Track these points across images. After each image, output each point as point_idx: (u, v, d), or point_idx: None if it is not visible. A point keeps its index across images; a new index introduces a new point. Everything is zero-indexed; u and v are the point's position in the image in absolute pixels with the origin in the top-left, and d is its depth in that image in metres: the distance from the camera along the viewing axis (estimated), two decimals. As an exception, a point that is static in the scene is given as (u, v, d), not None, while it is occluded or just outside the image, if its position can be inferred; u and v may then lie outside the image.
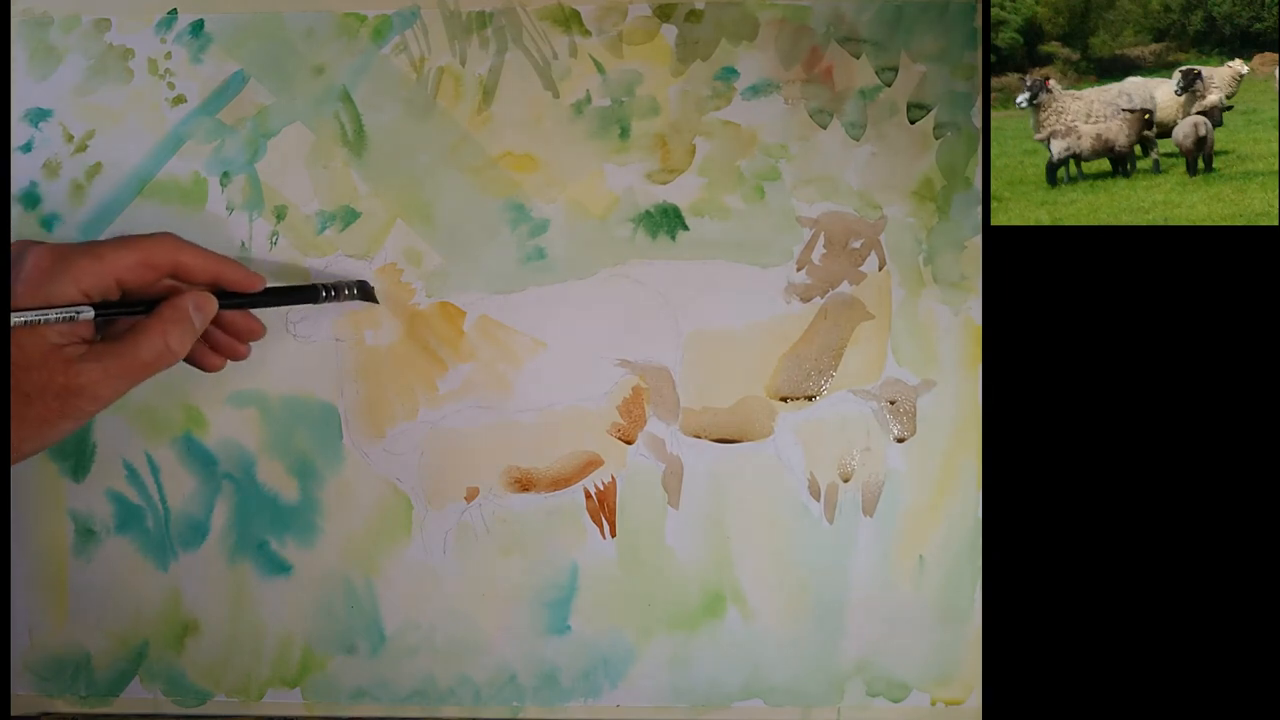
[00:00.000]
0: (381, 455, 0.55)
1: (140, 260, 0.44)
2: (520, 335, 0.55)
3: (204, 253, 0.46)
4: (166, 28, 0.56)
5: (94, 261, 0.42)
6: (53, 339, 0.41)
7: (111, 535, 0.55)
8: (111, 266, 0.43)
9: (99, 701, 0.56)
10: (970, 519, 0.54)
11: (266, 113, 0.56)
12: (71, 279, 0.42)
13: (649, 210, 0.55)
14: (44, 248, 0.42)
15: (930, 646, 0.54)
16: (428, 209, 0.55)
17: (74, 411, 0.42)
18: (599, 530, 0.55)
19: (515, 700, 0.55)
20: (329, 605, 0.55)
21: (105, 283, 0.43)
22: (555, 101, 0.55)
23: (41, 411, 0.41)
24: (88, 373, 0.42)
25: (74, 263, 0.42)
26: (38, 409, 0.41)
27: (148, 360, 0.43)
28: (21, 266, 0.42)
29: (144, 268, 0.44)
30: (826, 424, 0.55)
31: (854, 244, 0.55)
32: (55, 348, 0.41)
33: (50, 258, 0.42)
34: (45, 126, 0.56)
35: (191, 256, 0.46)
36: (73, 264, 0.42)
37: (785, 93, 0.55)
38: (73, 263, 0.42)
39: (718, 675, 0.55)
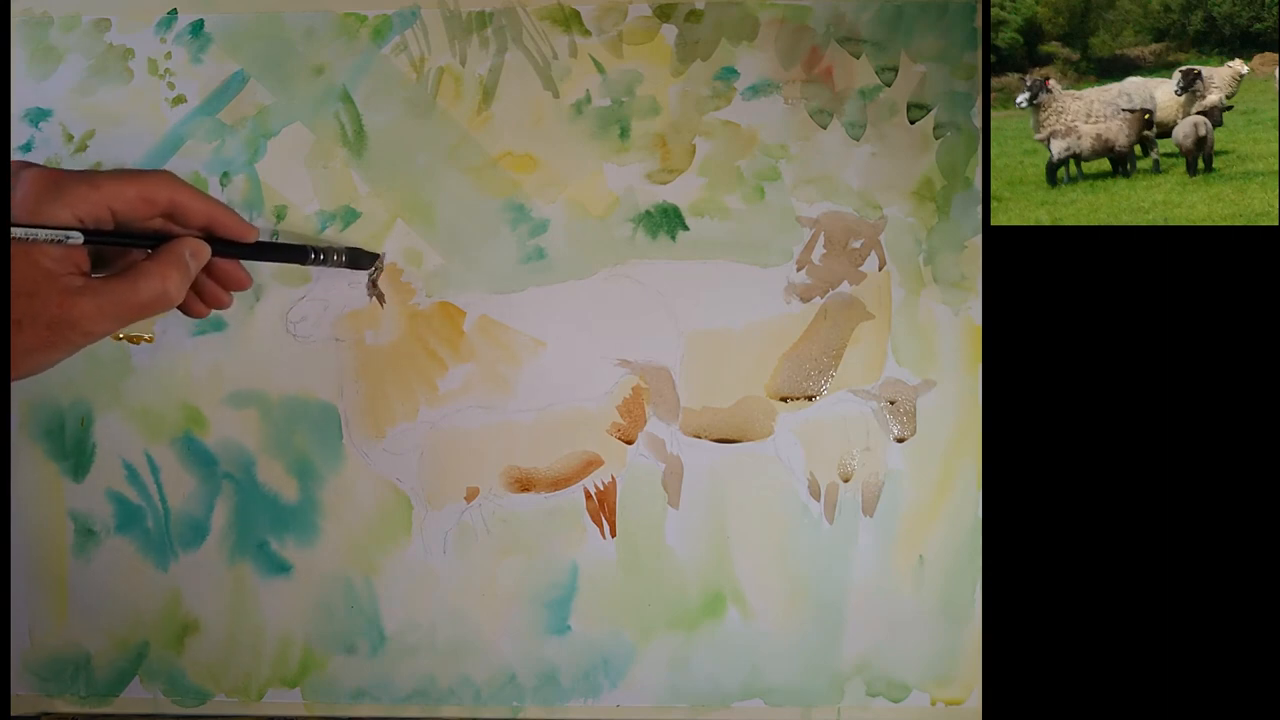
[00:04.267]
0: (381, 455, 0.55)
1: (138, 194, 0.43)
2: (520, 335, 0.55)
3: (201, 195, 0.45)
4: (166, 28, 0.56)
5: (91, 189, 0.41)
6: (47, 264, 0.40)
7: (111, 535, 0.55)
8: (108, 196, 0.42)
9: (99, 701, 0.56)
10: (970, 519, 0.54)
11: (266, 113, 0.56)
12: (66, 204, 0.41)
13: (649, 210, 0.55)
14: (40, 170, 0.41)
15: (930, 646, 0.54)
16: (428, 209, 0.55)
17: (63, 343, 0.41)
18: (599, 530, 0.55)
19: (515, 700, 0.55)
20: (329, 605, 0.55)
21: (100, 212, 0.42)
22: (555, 101, 0.55)
23: (30, 339, 0.40)
24: (82, 306, 0.40)
25: (70, 188, 0.41)
26: (27, 336, 0.40)
27: (145, 301, 0.42)
28: (17, 186, 0.41)
29: (141, 201, 0.43)
30: (826, 424, 0.55)
31: (854, 244, 0.55)
32: (51, 275, 0.40)
33: (45, 181, 0.41)
34: (45, 126, 0.56)
35: (189, 197, 0.45)
36: (68, 189, 0.41)
37: (785, 93, 0.55)
38: (69, 188, 0.41)
39: (717, 675, 0.55)
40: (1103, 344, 0.43)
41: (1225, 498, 0.41)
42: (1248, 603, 0.41)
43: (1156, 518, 0.42)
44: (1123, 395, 0.42)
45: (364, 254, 0.54)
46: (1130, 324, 0.42)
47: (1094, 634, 0.42)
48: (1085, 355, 0.43)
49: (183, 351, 0.55)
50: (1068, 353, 0.43)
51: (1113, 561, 0.42)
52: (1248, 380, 0.41)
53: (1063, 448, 0.43)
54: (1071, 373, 0.43)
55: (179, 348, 0.55)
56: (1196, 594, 0.41)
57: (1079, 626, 0.42)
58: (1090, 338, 0.43)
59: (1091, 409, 0.42)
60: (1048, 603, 0.42)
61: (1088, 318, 0.43)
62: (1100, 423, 0.42)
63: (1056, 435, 0.43)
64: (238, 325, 0.55)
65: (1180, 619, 0.41)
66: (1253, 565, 0.41)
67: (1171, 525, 0.41)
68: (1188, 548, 0.41)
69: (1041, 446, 0.43)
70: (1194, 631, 0.41)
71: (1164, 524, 0.41)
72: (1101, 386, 0.42)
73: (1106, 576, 0.42)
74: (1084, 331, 0.43)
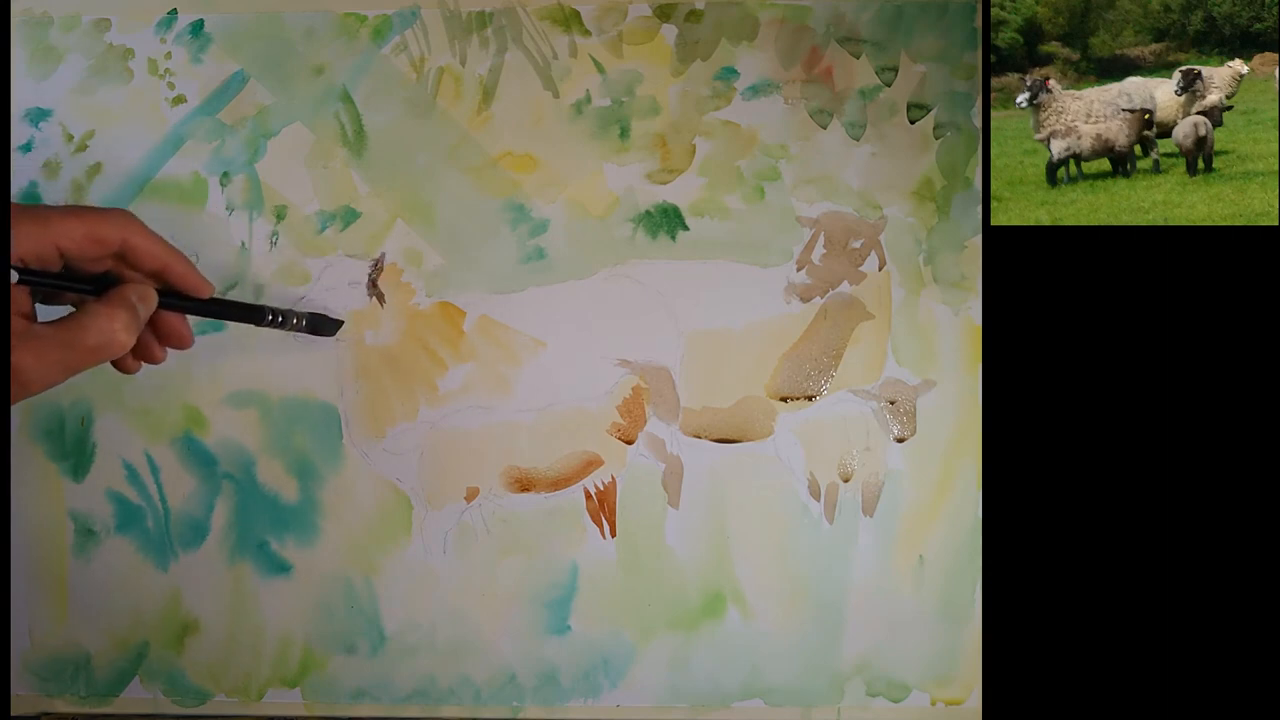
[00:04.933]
0: (381, 455, 0.55)
1: (87, 233, 0.40)
2: (520, 335, 0.55)
3: (156, 239, 0.43)
4: (166, 28, 0.56)
5: (38, 226, 0.39)
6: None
7: (111, 535, 0.55)
8: (56, 234, 0.39)
9: (99, 701, 0.56)
10: (970, 519, 0.54)
11: (266, 113, 0.56)
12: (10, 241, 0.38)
13: (649, 210, 0.55)
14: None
15: (930, 646, 0.54)
16: (428, 209, 0.55)
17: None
18: (599, 530, 0.55)
19: (515, 700, 0.55)
20: (329, 605, 0.55)
21: (46, 250, 0.39)
22: (555, 101, 0.55)
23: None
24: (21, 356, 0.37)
25: (16, 225, 0.38)
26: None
27: (93, 346, 0.39)
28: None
29: (90, 241, 0.40)
30: (826, 424, 0.55)
31: (854, 244, 0.55)
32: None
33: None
34: (45, 126, 0.56)
35: (142, 240, 0.42)
36: (15, 226, 0.38)
37: (785, 93, 0.55)
38: (15, 225, 0.38)
39: (717, 675, 0.55)
40: (1103, 344, 0.43)
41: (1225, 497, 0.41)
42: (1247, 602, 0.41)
43: (1156, 518, 0.42)
44: (1123, 395, 0.42)
45: (327, 320, 0.53)
46: (1130, 324, 0.42)
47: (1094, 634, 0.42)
48: (1085, 355, 0.43)
49: (183, 352, 0.55)
50: (1068, 353, 0.43)
51: (1112, 561, 0.42)
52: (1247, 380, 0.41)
53: (1062, 448, 0.43)
54: (1071, 373, 0.43)
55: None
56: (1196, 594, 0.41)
57: (1079, 626, 0.42)
58: (1090, 338, 0.43)
59: (1091, 409, 0.42)
60: (1048, 603, 0.42)
61: (1088, 318, 0.43)
62: (1100, 423, 0.42)
63: (1056, 435, 0.43)
64: (238, 325, 0.55)
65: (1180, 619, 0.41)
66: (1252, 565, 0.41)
67: (1171, 525, 0.41)
68: (1187, 547, 0.41)
69: (1041, 446, 0.43)
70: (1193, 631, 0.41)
71: (1164, 524, 0.41)
72: (1101, 386, 0.42)
73: (1106, 576, 0.42)
74: (1084, 331, 0.43)
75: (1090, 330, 0.43)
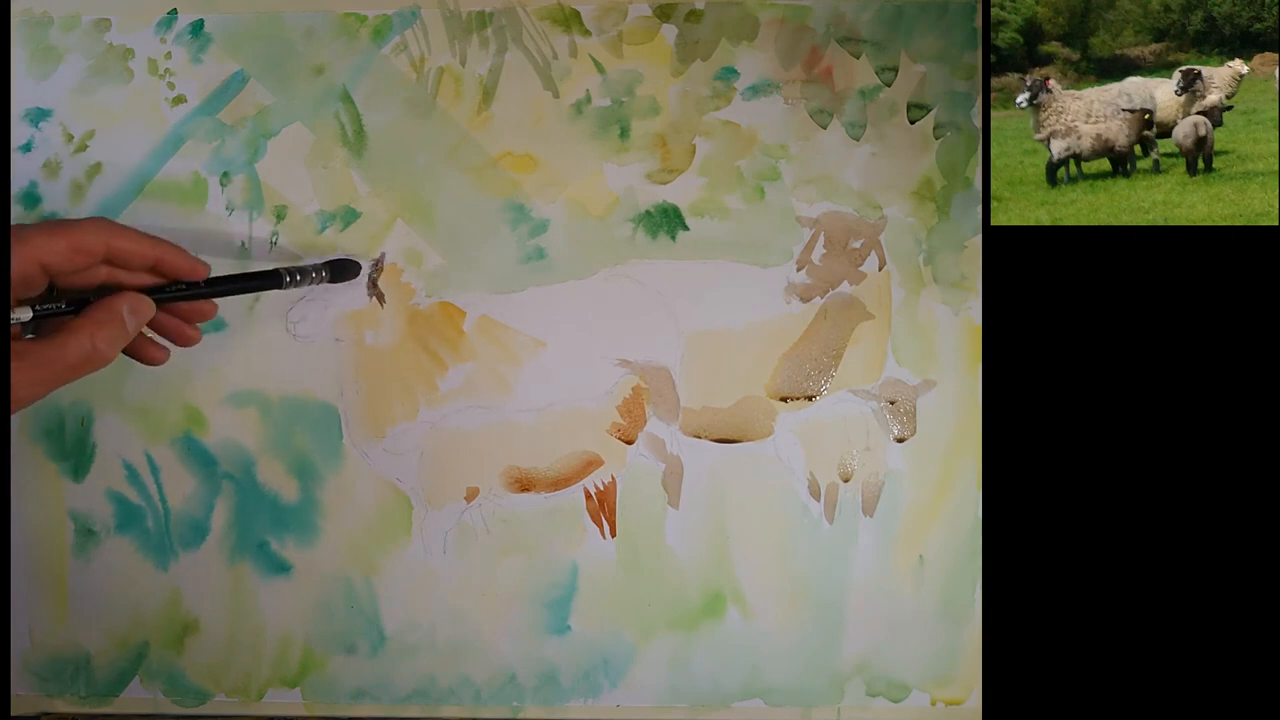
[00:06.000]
0: (381, 455, 0.55)
1: (69, 245, 0.41)
2: (520, 335, 0.55)
3: (141, 236, 0.43)
4: (166, 28, 0.56)
5: (18, 245, 0.39)
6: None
7: (111, 535, 0.55)
8: (37, 250, 0.40)
9: (99, 701, 0.56)
10: (970, 519, 0.54)
11: (266, 113, 0.56)
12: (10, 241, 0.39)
13: (649, 210, 0.55)
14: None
15: (930, 646, 0.54)
16: (428, 209, 0.55)
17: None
18: (599, 530, 0.55)
19: (515, 700, 0.55)
20: (329, 605, 0.55)
21: (28, 269, 0.40)
22: (555, 101, 0.55)
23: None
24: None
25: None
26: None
27: (73, 362, 0.40)
28: None
29: (74, 253, 0.41)
30: (826, 424, 0.55)
31: (854, 244, 0.55)
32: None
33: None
34: (45, 126, 0.56)
35: (126, 240, 0.43)
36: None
37: (785, 93, 0.55)
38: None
39: (717, 675, 0.55)
40: (1102, 344, 0.43)
41: (1225, 497, 0.41)
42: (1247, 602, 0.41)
43: (1156, 517, 0.42)
44: (1123, 395, 0.42)
45: (348, 264, 0.53)
46: (1130, 324, 0.42)
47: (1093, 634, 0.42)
48: (1085, 355, 0.43)
49: (183, 351, 0.55)
50: (1067, 353, 0.43)
51: (1112, 561, 0.42)
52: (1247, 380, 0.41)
53: (1062, 448, 0.43)
54: (1071, 373, 0.43)
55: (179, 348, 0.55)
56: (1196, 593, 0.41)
57: (1079, 626, 0.42)
58: (1090, 338, 0.43)
59: (1091, 409, 0.42)
60: (1047, 603, 0.42)
61: (1087, 318, 0.43)
62: (1100, 423, 0.42)
63: (1056, 435, 0.43)
64: (238, 325, 0.55)
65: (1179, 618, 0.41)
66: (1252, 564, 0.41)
67: (1171, 525, 0.41)
68: (1187, 547, 0.41)
69: (1041, 446, 0.43)
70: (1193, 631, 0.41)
71: (1163, 524, 0.41)
72: (1101, 386, 0.42)
73: (1106, 576, 0.42)
74: (1084, 331, 0.43)
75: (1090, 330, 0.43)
